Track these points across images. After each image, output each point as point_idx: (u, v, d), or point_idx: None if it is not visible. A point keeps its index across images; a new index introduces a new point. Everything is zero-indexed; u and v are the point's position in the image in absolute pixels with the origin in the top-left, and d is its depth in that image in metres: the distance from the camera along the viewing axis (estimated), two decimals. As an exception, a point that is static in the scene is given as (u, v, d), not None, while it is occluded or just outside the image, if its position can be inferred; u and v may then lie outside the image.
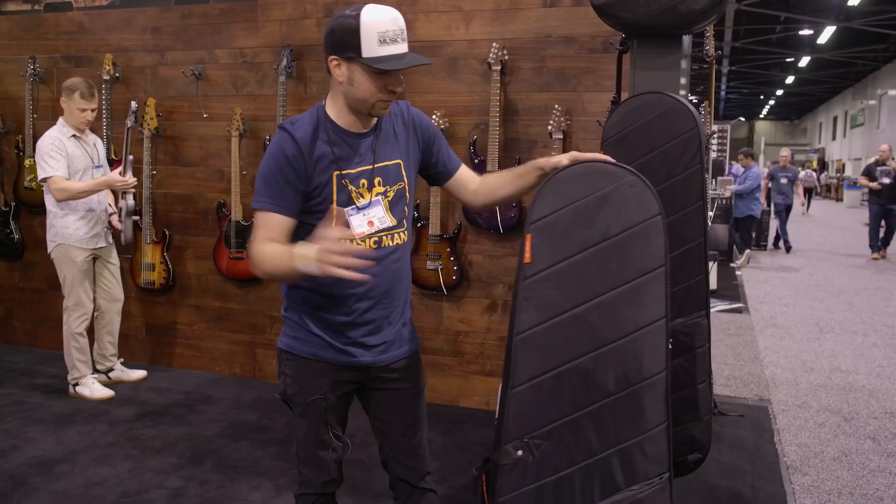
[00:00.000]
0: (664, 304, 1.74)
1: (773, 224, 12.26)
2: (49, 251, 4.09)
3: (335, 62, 1.78)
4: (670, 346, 2.46)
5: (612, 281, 1.75)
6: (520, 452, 1.73)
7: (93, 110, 4.00)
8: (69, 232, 4.02)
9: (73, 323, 4.07)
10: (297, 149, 1.80)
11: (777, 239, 12.12)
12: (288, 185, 1.81)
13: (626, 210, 1.75)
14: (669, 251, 2.42)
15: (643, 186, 1.75)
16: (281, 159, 1.80)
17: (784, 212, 11.79)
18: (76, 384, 4.13)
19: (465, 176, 2.10)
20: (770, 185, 11.90)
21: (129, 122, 4.19)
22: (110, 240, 4.23)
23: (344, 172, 1.85)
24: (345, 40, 1.74)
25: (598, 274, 1.75)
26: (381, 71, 1.74)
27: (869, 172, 11.01)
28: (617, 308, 1.74)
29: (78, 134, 4.00)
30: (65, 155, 3.91)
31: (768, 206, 12.10)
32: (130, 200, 4.10)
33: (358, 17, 1.71)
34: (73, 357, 4.11)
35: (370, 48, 1.72)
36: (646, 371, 1.72)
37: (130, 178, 4.01)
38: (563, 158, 1.82)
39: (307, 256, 1.65)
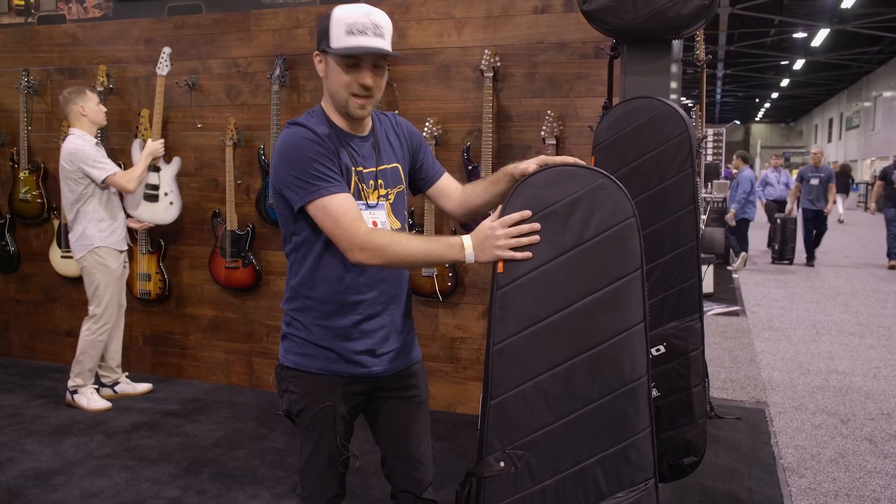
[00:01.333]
0: (642, 307, 1.70)
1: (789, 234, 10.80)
2: (77, 258, 4.06)
3: (318, 58, 1.85)
4: (663, 350, 2.49)
5: (588, 287, 1.70)
6: (502, 464, 1.69)
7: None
8: (105, 235, 4.03)
9: (99, 332, 4.06)
10: (318, 138, 1.79)
11: (809, 252, 10.59)
12: (332, 166, 1.78)
13: (598, 213, 1.70)
14: (662, 255, 2.45)
15: (615, 188, 1.70)
16: (311, 146, 1.77)
17: (812, 219, 10.42)
18: (75, 392, 4.12)
19: (446, 185, 2.10)
20: (801, 187, 10.58)
21: (161, 70, 4.22)
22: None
23: (357, 170, 1.86)
24: (321, 35, 1.80)
25: (573, 280, 1.69)
26: (349, 63, 1.77)
27: (885, 176, 10.28)
28: (594, 314, 1.69)
29: (96, 141, 4.07)
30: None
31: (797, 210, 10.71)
32: (171, 162, 4.29)
33: (332, 11, 1.78)
34: (85, 365, 4.07)
35: (338, 39, 1.75)
36: (626, 377, 1.68)
37: (159, 140, 4.19)
38: (531, 164, 1.80)
39: (480, 246, 1.69)
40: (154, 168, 4.25)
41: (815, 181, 10.42)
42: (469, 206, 2.06)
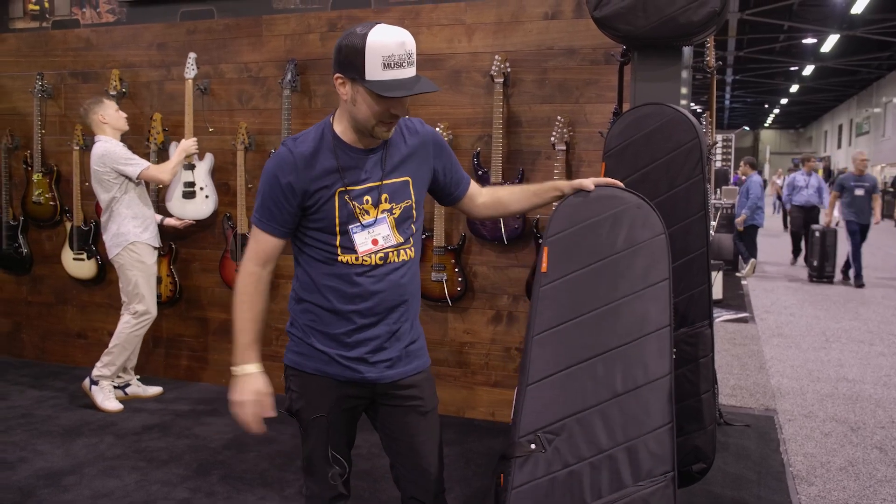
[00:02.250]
0: (668, 313, 1.92)
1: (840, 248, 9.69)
2: (112, 256, 4.12)
3: (340, 80, 1.77)
4: (673, 356, 2.49)
5: (620, 290, 1.95)
6: (533, 446, 1.86)
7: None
8: (140, 230, 4.11)
9: (138, 325, 4.12)
10: (293, 167, 1.81)
11: (847, 267, 9.50)
12: (277, 207, 1.84)
13: (633, 229, 1.99)
14: (672, 261, 2.46)
15: (648, 209, 2.01)
16: (273, 181, 1.83)
17: (858, 233, 9.17)
18: (95, 383, 4.13)
19: (472, 191, 2.12)
20: (841, 197, 9.37)
21: (189, 74, 4.31)
22: None
23: (348, 189, 1.84)
24: (350, 60, 1.72)
25: (607, 284, 1.96)
26: (383, 95, 1.73)
27: None
28: (624, 315, 1.93)
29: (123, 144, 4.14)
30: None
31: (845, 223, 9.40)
32: (204, 158, 4.41)
33: (364, 37, 1.69)
34: (115, 357, 4.10)
35: (373, 71, 1.70)
36: (651, 373, 1.88)
37: (192, 138, 4.29)
38: (588, 183, 2.06)
39: (240, 386, 1.89)
40: (189, 166, 4.34)
41: (859, 192, 9.15)
42: (503, 209, 2.16)
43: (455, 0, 3.93)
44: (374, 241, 1.87)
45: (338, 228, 1.85)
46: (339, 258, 1.87)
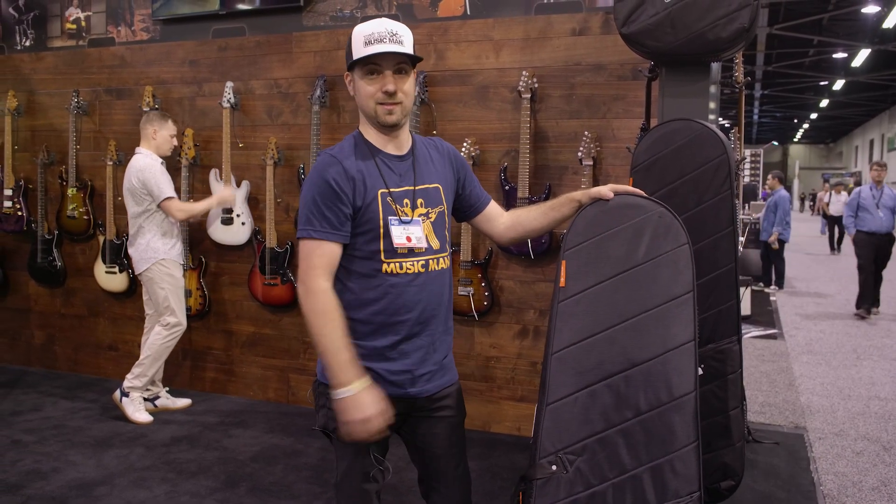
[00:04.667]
0: (692, 327, 1.85)
1: None
2: (140, 271, 4.21)
3: (348, 78, 1.90)
4: (701, 372, 2.48)
5: (642, 305, 1.86)
6: (554, 467, 1.81)
7: None
8: (168, 248, 4.20)
9: (169, 337, 4.20)
10: (341, 170, 1.82)
11: None
12: (334, 210, 1.81)
13: (655, 240, 1.89)
14: (700, 277, 2.45)
15: (671, 218, 1.91)
16: (323, 185, 1.81)
17: None
18: (126, 395, 4.19)
19: (492, 211, 2.14)
20: None
21: (226, 103, 4.42)
22: None
23: (390, 190, 1.88)
24: (346, 55, 1.86)
25: (629, 298, 1.87)
26: (370, 71, 1.82)
27: None
28: (646, 330, 1.85)
29: (162, 161, 4.24)
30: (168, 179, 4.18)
31: None
32: (241, 185, 4.50)
33: (352, 29, 1.85)
34: (146, 368, 4.17)
35: (358, 51, 1.81)
36: (675, 391, 1.81)
37: (231, 190, 4.40)
38: (606, 191, 1.98)
39: (358, 404, 1.76)
40: None
41: None
42: (523, 229, 2.13)
43: (483, 16, 3.97)
44: (408, 238, 1.87)
45: (382, 230, 1.85)
46: (384, 268, 1.86)
